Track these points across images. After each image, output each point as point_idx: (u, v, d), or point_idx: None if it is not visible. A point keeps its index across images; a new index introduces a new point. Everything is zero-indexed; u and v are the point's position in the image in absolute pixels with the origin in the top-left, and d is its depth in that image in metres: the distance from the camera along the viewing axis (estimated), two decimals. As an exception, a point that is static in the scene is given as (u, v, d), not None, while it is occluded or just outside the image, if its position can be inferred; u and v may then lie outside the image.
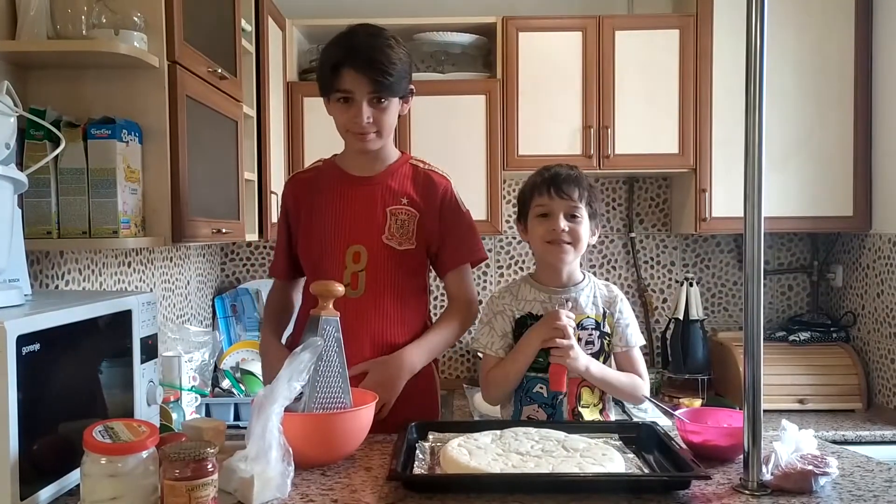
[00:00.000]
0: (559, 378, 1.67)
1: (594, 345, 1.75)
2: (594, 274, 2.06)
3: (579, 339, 1.72)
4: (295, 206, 1.87)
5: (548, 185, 1.73)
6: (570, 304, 1.74)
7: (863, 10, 2.89)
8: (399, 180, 1.81)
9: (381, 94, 1.71)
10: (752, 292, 1.29)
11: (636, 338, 1.79)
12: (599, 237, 2.04)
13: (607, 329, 1.77)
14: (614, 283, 1.99)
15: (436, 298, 3.06)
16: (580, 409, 1.73)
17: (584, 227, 1.74)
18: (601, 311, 1.77)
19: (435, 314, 1.93)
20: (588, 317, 1.76)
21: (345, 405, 1.53)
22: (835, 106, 2.91)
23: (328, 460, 1.46)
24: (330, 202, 1.81)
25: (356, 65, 1.69)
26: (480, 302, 1.93)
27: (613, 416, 1.83)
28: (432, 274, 1.92)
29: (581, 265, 1.82)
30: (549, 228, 1.72)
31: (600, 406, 1.76)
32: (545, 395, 1.72)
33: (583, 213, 1.73)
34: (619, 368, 1.77)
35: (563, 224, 1.71)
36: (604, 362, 1.75)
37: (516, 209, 1.88)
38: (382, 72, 1.69)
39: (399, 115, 1.80)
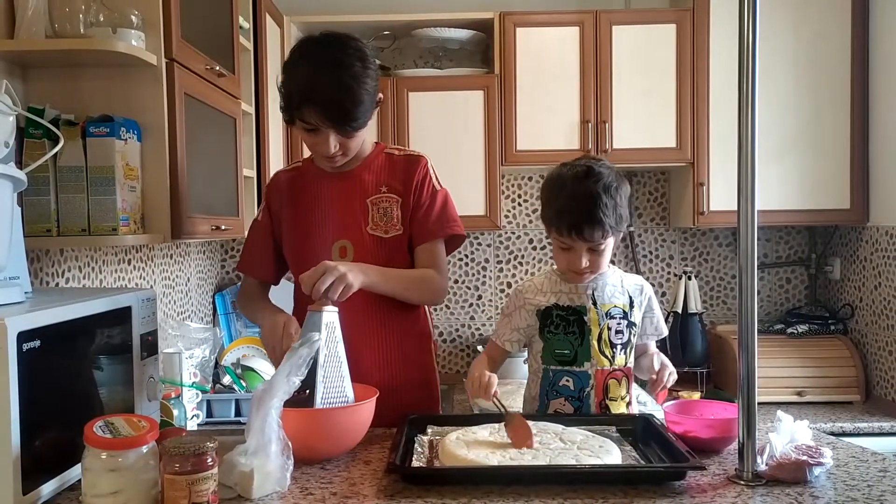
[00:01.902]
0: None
1: (623, 335, 1.71)
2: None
3: (609, 329, 1.70)
4: (278, 204, 1.85)
5: (568, 229, 1.64)
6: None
7: (860, 3, 2.89)
8: (376, 170, 1.80)
9: (348, 131, 1.67)
10: (745, 284, 1.31)
11: (663, 327, 1.82)
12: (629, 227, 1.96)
13: (634, 319, 1.73)
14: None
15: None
16: (608, 402, 1.70)
17: (608, 251, 1.69)
18: (628, 299, 1.74)
19: (435, 309, 1.92)
20: (615, 306, 1.72)
21: (348, 399, 1.54)
22: (832, 99, 2.91)
23: (330, 454, 1.47)
24: (311, 201, 1.81)
25: (320, 106, 1.62)
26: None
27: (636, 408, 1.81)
28: None
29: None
30: (571, 262, 1.68)
31: (627, 399, 1.73)
32: (572, 388, 1.70)
33: (607, 241, 1.67)
34: (641, 355, 1.79)
35: (585, 261, 1.67)
36: (629, 353, 1.74)
37: (538, 205, 1.77)
38: (348, 115, 1.63)
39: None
